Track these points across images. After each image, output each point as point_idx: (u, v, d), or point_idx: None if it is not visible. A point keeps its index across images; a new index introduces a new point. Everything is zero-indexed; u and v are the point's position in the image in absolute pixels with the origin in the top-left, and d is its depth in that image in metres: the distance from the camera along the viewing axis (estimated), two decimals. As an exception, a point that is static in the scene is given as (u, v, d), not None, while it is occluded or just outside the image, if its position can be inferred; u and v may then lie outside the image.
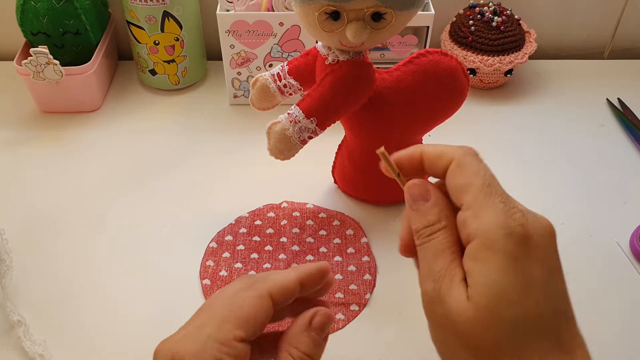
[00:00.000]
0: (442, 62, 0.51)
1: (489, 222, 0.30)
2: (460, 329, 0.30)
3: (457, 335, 0.31)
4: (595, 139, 0.71)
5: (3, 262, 0.52)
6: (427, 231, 0.33)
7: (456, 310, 0.30)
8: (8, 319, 0.49)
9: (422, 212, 0.34)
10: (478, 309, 0.29)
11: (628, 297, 0.53)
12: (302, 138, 0.50)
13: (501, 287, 0.29)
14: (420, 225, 0.33)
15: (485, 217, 0.30)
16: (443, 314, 0.31)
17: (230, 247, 0.56)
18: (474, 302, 0.30)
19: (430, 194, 0.34)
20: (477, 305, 0.29)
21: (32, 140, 0.70)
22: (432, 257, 0.32)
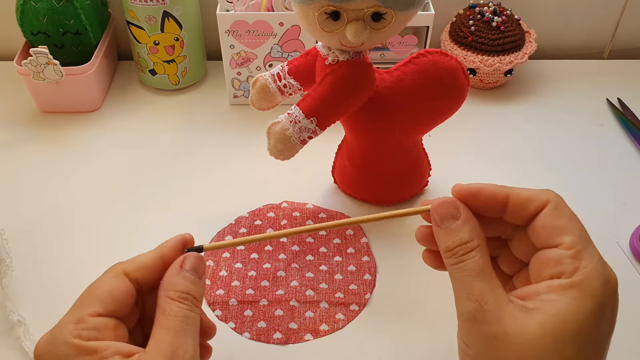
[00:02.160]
0: (442, 62, 0.51)
1: (590, 267, 0.31)
2: (520, 349, 0.30)
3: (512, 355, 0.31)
4: (595, 139, 0.71)
5: (3, 262, 0.52)
6: (461, 250, 0.33)
7: (515, 332, 0.30)
8: (8, 319, 0.49)
9: (452, 230, 0.34)
10: (545, 336, 0.30)
11: (628, 297, 0.53)
12: (302, 138, 0.50)
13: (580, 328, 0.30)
14: (452, 243, 0.33)
15: (586, 262, 0.31)
16: (493, 334, 0.31)
17: (230, 247, 0.56)
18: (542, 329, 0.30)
19: (460, 212, 0.34)
20: (544, 332, 0.30)
21: (32, 140, 0.70)
22: (470, 278, 0.32)
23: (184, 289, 0.35)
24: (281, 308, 0.51)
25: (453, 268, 0.33)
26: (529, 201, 0.34)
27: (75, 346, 0.32)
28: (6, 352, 0.48)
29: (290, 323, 0.50)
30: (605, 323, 0.31)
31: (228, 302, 0.51)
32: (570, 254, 0.32)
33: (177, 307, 0.34)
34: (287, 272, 0.54)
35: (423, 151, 0.59)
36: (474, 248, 0.33)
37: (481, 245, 0.33)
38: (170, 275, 0.36)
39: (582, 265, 0.31)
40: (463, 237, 0.33)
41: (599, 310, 0.30)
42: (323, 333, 0.50)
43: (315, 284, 0.53)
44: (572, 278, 0.31)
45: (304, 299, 0.52)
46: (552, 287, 0.31)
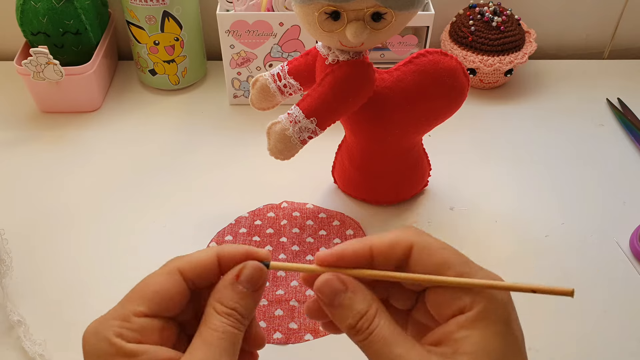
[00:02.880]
0: (442, 62, 0.51)
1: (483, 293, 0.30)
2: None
3: None
4: (595, 139, 0.71)
5: (3, 262, 0.52)
6: (365, 323, 0.31)
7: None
8: (8, 319, 0.49)
9: (346, 305, 0.31)
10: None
11: (628, 297, 0.53)
12: (302, 138, 0.50)
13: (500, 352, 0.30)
14: (352, 320, 0.31)
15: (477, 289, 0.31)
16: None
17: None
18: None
19: (345, 283, 0.32)
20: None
21: (32, 140, 0.70)
22: (386, 347, 0.30)
23: (231, 305, 0.32)
24: (281, 308, 0.51)
25: (364, 344, 0.31)
26: (391, 248, 0.32)
27: (114, 345, 0.31)
28: (6, 352, 0.48)
29: (290, 323, 0.50)
30: (517, 329, 0.31)
31: None
32: (460, 289, 0.31)
33: (219, 322, 0.32)
34: (287, 272, 0.54)
35: (423, 151, 0.59)
36: (375, 315, 0.31)
37: (379, 307, 0.31)
38: (223, 284, 0.33)
39: (476, 292, 0.31)
40: (360, 309, 0.31)
41: (508, 325, 0.31)
42: (323, 333, 0.50)
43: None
44: (474, 309, 0.30)
45: (304, 298, 0.52)
46: (460, 324, 0.30)
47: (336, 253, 0.32)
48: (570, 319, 0.51)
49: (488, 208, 0.61)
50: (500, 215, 0.60)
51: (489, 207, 0.61)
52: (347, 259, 0.32)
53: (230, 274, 0.33)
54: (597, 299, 0.53)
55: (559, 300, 0.53)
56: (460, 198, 0.62)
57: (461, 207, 0.61)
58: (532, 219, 0.60)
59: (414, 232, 0.32)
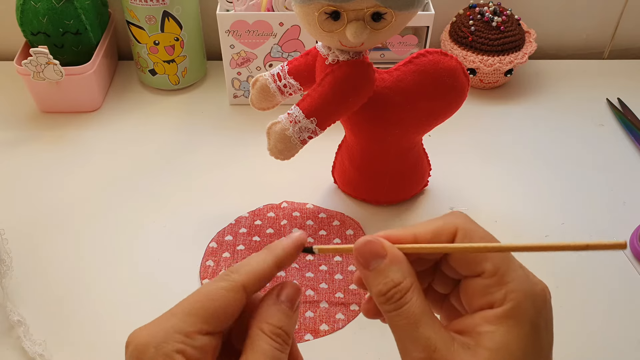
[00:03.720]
0: (442, 62, 0.51)
1: (517, 290, 0.30)
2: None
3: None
4: (595, 139, 0.71)
5: (3, 262, 0.52)
6: (397, 294, 0.30)
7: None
8: (8, 319, 0.49)
9: (381, 271, 0.30)
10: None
11: (628, 297, 0.53)
12: (302, 138, 0.50)
13: (525, 351, 0.29)
14: (384, 287, 0.30)
15: (512, 285, 0.30)
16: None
17: (230, 247, 0.56)
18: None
19: (385, 249, 0.31)
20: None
21: (32, 140, 0.70)
22: (413, 325, 0.30)
23: (278, 323, 0.32)
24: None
25: (392, 315, 0.30)
26: (436, 237, 0.31)
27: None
28: (6, 352, 0.48)
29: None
30: (544, 336, 0.31)
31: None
32: (494, 282, 0.30)
33: (267, 345, 0.31)
34: (287, 271, 0.54)
35: (423, 151, 0.59)
36: (409, 289, 0.30)
37: (414, 283, 0.30)
38: (267, 302, 0.33)
39: (509, 289, 0.30)
40: (395, 278, 0.30)
41: (536, 330, 0.30)
42: (323, 333, 0.50)
43: (315, 283, 0.53)
44: (503, 306, 0.30)
45: (304, 298, 0.52)
46: (487, 319, 0.30)
47: (381, 235, 0.32)
48: (571, 319, 0.51)
49: (488, 208, 0.61)
50: (500, 215, 0.60)
51: (489, 207, 0.61)
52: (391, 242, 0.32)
53: (271, 294, 0.33)
54: (597, 299, 0.53)
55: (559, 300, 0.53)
56: (460, 198, 0.62)
57: (461, 207, 0.61)
58: (532, 219, 0.60)
59: (461, 218, 0.32)
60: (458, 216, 0.32)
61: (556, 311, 0.52)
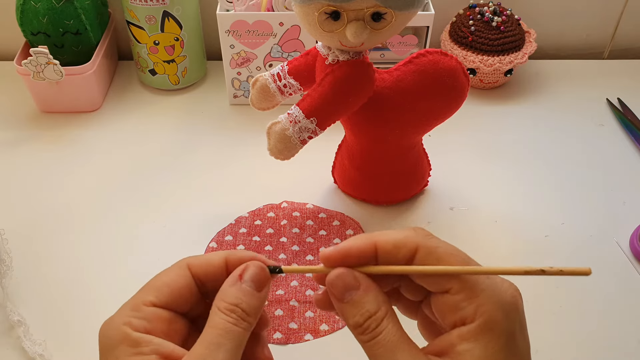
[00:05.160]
0: (442, 62, 0.51)
1: (487, 303, 0.30)
2: None
3: None
4: (595, 139, 0.71)
5: (3, 262, 0.52)
6: (372, 324, 0.31)
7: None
8: (8, 319, 0.49)
9: (356, 303, 0.31)
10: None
11: (628, 297, 0.53)
12: (302, 138, 0.50)
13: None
14: (360, 319, 0.31)
15: (481, 299, 0.30)
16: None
17: (230, 247, 0.56)
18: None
19: (359, 281, 0.31)
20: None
21: (32, 140, 0.70)
22: (390, 352, 0.30)
23: (233, 301, 0.33)
24: (281, 308, 0.51)
25: (369, 345, 0.31)
26: (396, 249, 0.31)
27: (122, 333, 0.31)
28: (6, 351, 0.48)
29: (290, 323, 0.50)
30: (521, 341, 0.31)
31: None
32: (463, 297, 0.30)
33: (219, 319, 0.32)
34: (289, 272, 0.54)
35: (423, 151, 0.59)
36: (384, 317, 0.31)
37: (389, 310, 0.31)
38: (226, 284, 0.34)
39: (479, 303, 0.30)
40: (370, 309, 0.31)
41: (512, 338, 0.30)
42: (323, 333, 0.50)
43: (315, 284, 0.53)
44: (476, 322, 0.30)
45: (304, 298, 0.52)
46: (463, 336, 0.30)
47: (342, 250, 0.32)
48: (570, 319, 0.51)
49: (488, 208, 0.61)
50: (500, 215, 0.60)
51: (489, 207, 0.61)
52: (352, 256, 0.32)
53: (233, 275, 0.33)
54: (597, 299, 0.53)
55: (559, 300, 0.53)
56: (460, 198, 0.62)
57: (461, 207, 0.61)
58: (532, 219, 0.60)
59: (422, 235, 0.32)
60: (419, 233, 0.32)
61: (556, 311, 0.52)
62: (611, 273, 0.55)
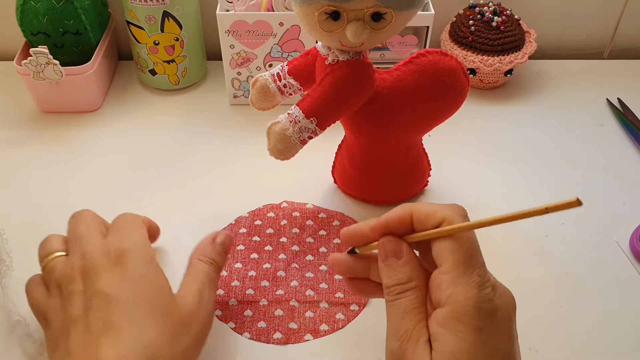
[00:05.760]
0: (442, 62, 0.51)
1: (463, 293, 0.32)
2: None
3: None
4: (595, 139, 0.71)
5: (3, 262, 0.52)
6: (398, 289, 0.35)
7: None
8: (9, 319, 0.49)
9: (393, 269, 0.35)
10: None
11: (628, 297, 0.53)
12: (302, 138, 0.50)
13: (468, 357, 0.31)
14: (391, 281, 0.35)
15: (460, 287, 0.32)
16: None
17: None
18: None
19: (403, 252, 0.36)
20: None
21: (32, 140, 0.70)
22: (399, 316, 0.34)
23: (212, 256, 0.45)
24: (281, 308, 0.51)
25: (388, 305, 0.35)
26: (427, 218, 0.35)
27: None
28: (7, 352, 0.48)
29: (290, 323, 0.50)
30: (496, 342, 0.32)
31: (228, 302, 0.51)
32: (447, 280, 0.33)
33: (203, 265, 0.44)
34: (287, 272, 0.54)
35: (423, 151, 0.59)
36: (410, 288, 0.34)
37: (419, 286, 0.35)
38: (204, 243, 0.47)
39: (455, 291, 0.32)
40: (402, 278, 0.35)
41: (484, 335, 0.31)
42: (323, 333, 0.50)
43: (315, 284, 0.53)
44: (444, 308, 0.32)
45: (304, 299, 0.52)
46: (436, 319, 0.32)
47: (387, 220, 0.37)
48: (570, 319, 0.51)
49: (488, 208, 0.61)
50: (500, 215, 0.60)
51: (489, 207, 0.61)
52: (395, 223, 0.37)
53: (208, 237, 0.47)
54: (597, 299, 0.53)
55: (559, 300, 0.53)
56: (460, 198, 0.62)
57: (461, 207, 0.61)
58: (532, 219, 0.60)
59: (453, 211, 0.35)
60: (454, 210, 0.35)
61: (556, 311, 0.52)
62: (611, 273, 0.55)
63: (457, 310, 0.31)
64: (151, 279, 0.40)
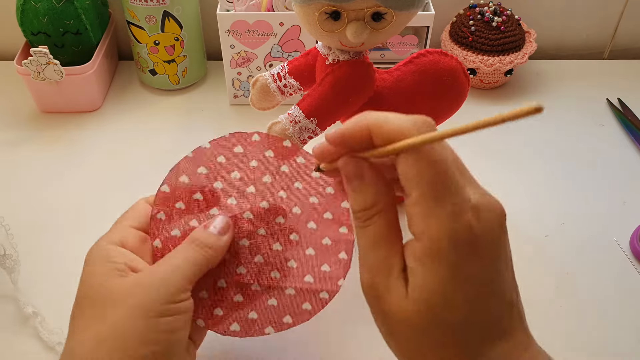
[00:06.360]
0: (442, 62, 0.51)
1: (436, 228, 0.29)
2: (401, 329, 0.30)
3: (398, 333, 0.30)
4: (595, 139, 0.71)
5: (10, 257, 0.52)
6: (364, 215, 0.32)
7: (396, 309, 0.30)
8: (22, 312, 0.50)
9: (357, 192, 0.32)
10: (420, 314, 0.29)
11: (628, 297, 0.53)
12: (302, 138, 0.50)
13: (445, 295, 0.29)
14: (356, 206, 0.32)
15: (432, 220, 0.29)
16: (382, 310, 0.31)
17: (185, 192, 0.44)
18: (415, 306, 0.29)
19: (365, 172, 0.32)
20: (419, 311, 0.29)
21: (32, 140, 0.70)
22: (368, 246, 0.31)
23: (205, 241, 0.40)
24: (241, 293, 0.43)
25: (357, 232, 0.32)
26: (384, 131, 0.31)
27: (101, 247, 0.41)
28: (22, 345, 0.49)
29: (251, 312, 0.42)
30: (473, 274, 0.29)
31: None
32: (418, 213, 0.29)
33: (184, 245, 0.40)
34: (252, 240, 0.44)
35: (423, 151, 0.59)
36: (377, 212, 0.31)
37: (384, 209, 0.31)
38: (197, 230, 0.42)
39: (428, 227, 0.29)
40: (366, 201, 0.32)
41: (458, 271, 0.29)
42: (286, 326, 0.43)
43: (283, 262, 0.43)
44: (420, 243, 0.29)
45: (268, 282, 0.43)
46: (414, 254, 0.29)
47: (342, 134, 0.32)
48: (570, 319, 0.51)
49: (488, 208, 0.61)
50: (501, 215, 0.60)
51: (489, 207, 0.61)
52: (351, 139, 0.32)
53: (201, 225, 0.42)
54: (597, 299, 0.53)
55: (559, 300, 0.53)
56: (461, 198, 0.62)
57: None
58: (532, 219, 0.60)
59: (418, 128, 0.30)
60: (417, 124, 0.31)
61: (556, 311, 0.52)
62: (611, 273, 0.55)
63: (431, 247, 0.28)
64: None
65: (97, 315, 0.37)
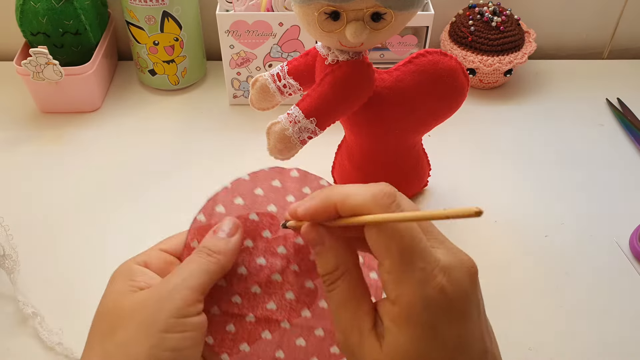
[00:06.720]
0: (441, 62, 0.51)
1: (409, 293, 0.30)
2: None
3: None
4: (595, 139, 0.71)
5: (10, 258, 0.52)
6: (328, 279, 0.34)
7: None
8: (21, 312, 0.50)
9: (320, 257, 0.34)
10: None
11: (628, 297, 0.53)
12: (301, 138, 0.50)
13: (419, 354, 0.30)
14: (321, 270, 0.34)
15: (404, 287, 0.30)
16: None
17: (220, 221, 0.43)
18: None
19: (323, 238, 0.34)
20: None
21: (32, 140, 0.70)
22: (337, 308, 0.33)
23: (213, 248, 0.39)
24: (269, 329, 0.40)
25: (326, 295, 0.34)
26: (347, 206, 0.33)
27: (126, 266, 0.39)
28: (22, 345, 0.49)
29: (278, 351, 0.40)
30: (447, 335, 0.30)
31: (210, 310, 0.39)
32: (390, 280, 0.31)
33: (194, 256, 0.39)
34: (284, 275, 0.41)
35: (423, 151, 0.59)
36: (339, 277, 0.33)
37: (347, 271, 0.33)
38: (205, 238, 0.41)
39: (402, 293, 0.30)
40: (329, 266, 0.34)
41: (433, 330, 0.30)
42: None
43: (314, 300, 0.40)
44: (396, 305, 0.31)
45: (298, 320, 0.40)
46: (390, 316, 0.31)
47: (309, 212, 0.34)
48: (570, 319, 0.51)
49: (488, 208, 0.61)
50: (500, 215, 0.60)
51: (489, 207, 0.61)
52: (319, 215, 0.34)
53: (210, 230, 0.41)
54: (597, 299, 0.53)
55: (559, 301, 0.53)
56: (460, 198, 0.62)
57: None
58: (532, 219, 0.60)
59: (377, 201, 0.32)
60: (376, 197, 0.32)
61: (556, 311, 0.52)
62: (611, 273, 0.55)
63: (406, 310, 0.30)
64: None
65: (107, 332, 0.36)
